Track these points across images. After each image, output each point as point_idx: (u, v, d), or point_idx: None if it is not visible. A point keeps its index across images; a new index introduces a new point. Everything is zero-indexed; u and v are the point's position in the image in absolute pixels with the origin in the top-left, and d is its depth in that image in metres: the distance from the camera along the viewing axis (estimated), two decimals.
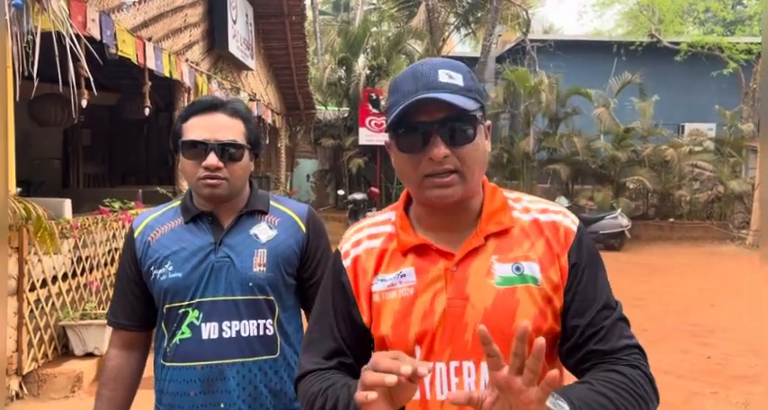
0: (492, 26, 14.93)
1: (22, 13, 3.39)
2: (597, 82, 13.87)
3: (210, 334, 1.36)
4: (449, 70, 0.97)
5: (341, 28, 17.20)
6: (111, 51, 4.88)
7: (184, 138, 1.38)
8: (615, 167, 13.28)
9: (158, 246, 1.42)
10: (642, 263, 10.19)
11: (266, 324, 1.40)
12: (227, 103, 1.41)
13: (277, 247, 1.43)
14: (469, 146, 0.95)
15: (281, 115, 12.59)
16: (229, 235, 1.42)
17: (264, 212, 1.47)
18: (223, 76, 8.36)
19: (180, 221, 1.44)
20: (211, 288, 1.38)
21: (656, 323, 6.22)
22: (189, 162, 1.38)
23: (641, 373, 0.93)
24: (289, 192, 14.04)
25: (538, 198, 1.09)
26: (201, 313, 1.37)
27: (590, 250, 1.02)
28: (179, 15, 6.71)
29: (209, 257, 1.39)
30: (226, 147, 1.37)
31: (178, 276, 1.37)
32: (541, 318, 0.97)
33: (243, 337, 1.38)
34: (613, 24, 24.50)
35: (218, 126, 1.37)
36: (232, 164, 1.38)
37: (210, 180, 1.36)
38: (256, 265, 1.40)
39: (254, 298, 1.39)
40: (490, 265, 0.98)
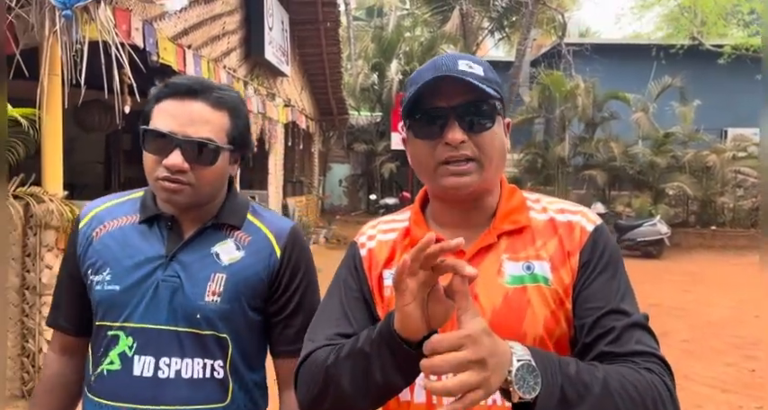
0: (527, 30, 14.79)
1: (72, 23, 3.53)
2: (635, 86, 13.57)
3: (144, 371, 1.08)
4: (468, 61, 0.95)
5: (374, 34, 17.32)
6: (153, 59, 5.02)
7: (153, 122, 1.10)
8: (654, 173, 12.95)
9: (100, 246, 1.15)
10: (682, 272, 9.88)
11: (215, 365, 1.12)
12: (211, 90, 1.11)
13: (239, 273, 1.14)
14: (488, 133, 0.93)
15: (314, 120, 12.74)
16: (186, 249, 1.13)
17: (236, 227, 1.18)
18: (259, 83, 8.52)
19: (134, 219, 1.17)
20: (151, 312, 1.10)
21: (698, 334, 6.02)
22: (149, 156, 1.10)
23: (658, 380, 0.84)
24: (321, 197, 14.18)
25: (558, 199, 1.05)
26: (136, 342, 1.09)
27: (607, 251, 0.95)
28: (218, 23, 6.87)
29: (155, 273, 1.11)
30: (195, 146, 1.08)
31: (115, 290, 1.10)
32: (553, 321, 0.92)
33: (183, 379, 1.09)
34: (653, 27, 23.95)
35: (193, 118, 1.09)
36: (201, 167, 1.09)
37: (169, 183, 1.08)
38: (209, 293, 1.11)
39: (200, 333, 1.11)
40: (501, 264, 0.95)
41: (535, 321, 0.91)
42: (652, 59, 14.91)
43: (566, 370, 0.80)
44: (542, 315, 0.92)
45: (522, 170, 14.23)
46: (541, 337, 0.91)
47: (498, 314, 0.92)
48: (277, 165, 9.79)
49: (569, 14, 18.04)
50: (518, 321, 0.91)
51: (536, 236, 0.97)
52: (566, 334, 0.93)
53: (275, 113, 9.06)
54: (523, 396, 0.74)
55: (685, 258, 11.46)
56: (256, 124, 8.24)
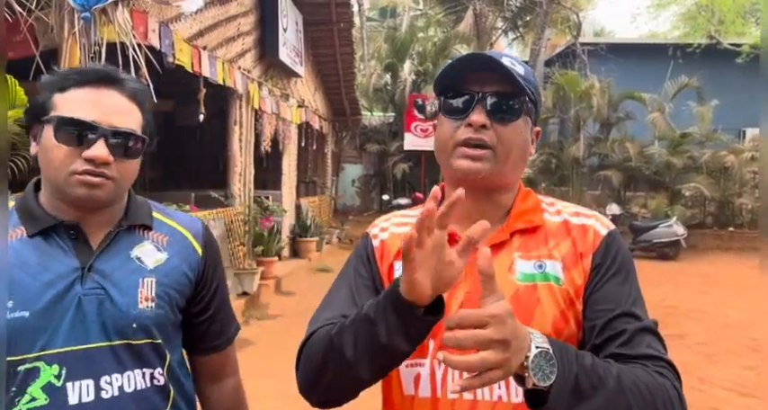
0: (541, 30, 14.70)
1: (90, 25, 3.57)
2: (651, 86, 13.42)
3: (83, 397, 0.98)
4: (513, 60, 0.98)
5: (387, 34, 17.32)
6: (169, 60, 5.07)
7: (60, 112, 0.99)
8: (670, 174, 12.80)
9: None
10: (699, 274, 9.75)
11: (154, 373, 1.07)
12: (123, 80, 1.04)
13: (168, 275, 1.09)
14: (511, 126, 0.95)
15: (327, 121, 12.77)
16: (102, 257, 1.03)
17: (148, 227, 1.11)
18: (273, 84, 8.56)
19: (20, 233, 1.01)
20: (79, 331, 0.99)
21: (716, 336, 5.93)
22: (62, 148, 0.97)
23: (671, 386, 0.85)
24: (334, 197, 14.21)
25: (574, 204, 1.08)
26: (64, 368, 0.98)
27: (620, 256, 0.97)
28: (232, 24, 6.92)
29: (73, 289, 0.99)
30: (121, 138, 1.00)
31: (23, 316, 0.96)
32: (562, 320, 0.93)
33: (127, 394, 1.02)
34: (669, 26, 23.67)
35: (115, 108, 1.01)
36: (124, 161, 1.01)
37: (92, 177, 0.97)
38: (143, 300, 1.04)
39: (138, 344, 1.04)
40: (512, 261, 0.96)
41: (544, 319, 0.92)
42: (668, 59, 14.74)
43: (581, 361, 0.81)
44: (551, 314, 0.93)
45: (536, 170, 14.14)
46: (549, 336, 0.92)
47: None
48: (291, 166, 9.84)
49: (584, 14, 17.91)
50: (527, 319, 0.91)
51: (549, 236, 0.99)
52: (574, 335, 0.94)
53: (289, 114, 9.10)
54: (538, 383, 0.75)
55: (702, 260, 11.30)
56: (270, 125, 8.28)
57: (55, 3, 3.60)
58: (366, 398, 1.03)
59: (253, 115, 7.69)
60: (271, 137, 8.29)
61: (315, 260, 9.63)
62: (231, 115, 7.16)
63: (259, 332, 5.56)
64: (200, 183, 10.43)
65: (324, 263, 9.58)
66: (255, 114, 7.78)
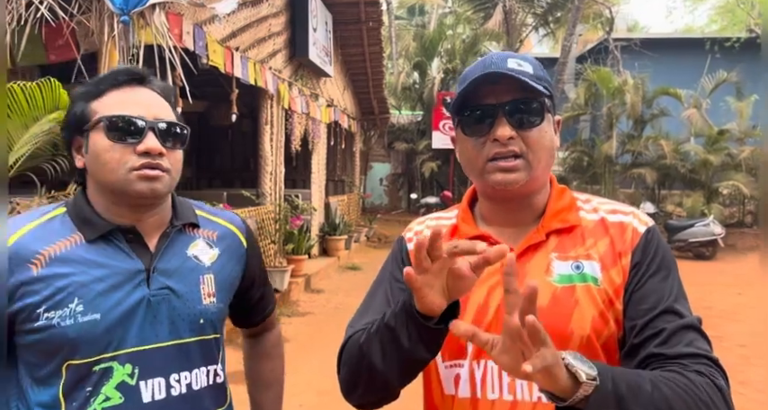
0: (573, 25, 14.46)
1: (129, 28, 3.68)
2: (687, 82, 13.08)
3: (155, 395, 1.01)
4: (518, 59, 0.96)
5: (416, 32, 17.31)
6: (203, 61, 5.18)
7: (104, 113, 1.00)
8: (707, 171, 12.45)
9: (52, 277, 0.97)
10: (737, 274, 9.47)
11: (216, 369, 1.11)
12: (151, 79, 1.07)
13: (223, 270, 1.13)
14: (536, 130, 0.94)
15: (356, 120, 12.83)
16: (163, 258, 1.05)
17: (196, 225, 1.13)
18: (303, 83, 8.65)
19: (78, 239, 1.02)
20: (149, 331, 1.02)
21: (756, 338, 5.76)
22: (115, 146, 0.98)
23: (709, 382, 0.83)
24: (363, 196, 14.28)
25: (609, 200, 1.05)
26: (137, 367, 1.00)
27: (659, 253, 0.95)
28: (264, 25, 7.01)
29: (139, 289, 1.02)
30: (167, 129, 1.02)
31: (95, 318, 0.97)
32: (601, 322, 0.91)
33: (194, 391, 1.05)
34: (706, 20, 23.02)
35: (152, 102, 1.03)
36: (173, 152, 1.03)
37: (151, 170, 0.99)
38: (206, 296, 1.08)
39: (204, 339, 1.08)
40: (549, 262, 0.95)
41: (582, 321, 0.91)
42: (705, 53, 14.34)
43: (613, 368, 0.81)
44: (590, 314, 0.91)
45: (567, 168, 13.94)
46: (588, 337, 0.91)
47: (545, 312, 0.90)
48: (320, 165, 9.92)
49: (617, 9, 17.54)
50: (565, 320, 0.91)
51: (586, 235, 0.97)
52: (614, 335, 0.92)
53: (318, 113, 9.18)
54: (589, 371, 0.75)
55: (741, 260, 10.97)
56: (300, 124, 8.37)
57: (95, 7, 3.72)
58: (407, 398, 1.05)
59: (283, 115, 7.79)
60: (301, 136, 8.38)
61: (344, 258, 9.70)
62: (262, 115, 7.27)
63: (289, 329, 5.63)
64: (232, 182, 10.64)
65: (352, 262, 9.65)
66: (286, 114, 7.87)
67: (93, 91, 1.03)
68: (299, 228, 7.75)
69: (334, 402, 4.52)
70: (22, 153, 3.51)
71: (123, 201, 1.02)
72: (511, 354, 0.76)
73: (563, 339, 0.90)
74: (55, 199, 3.83)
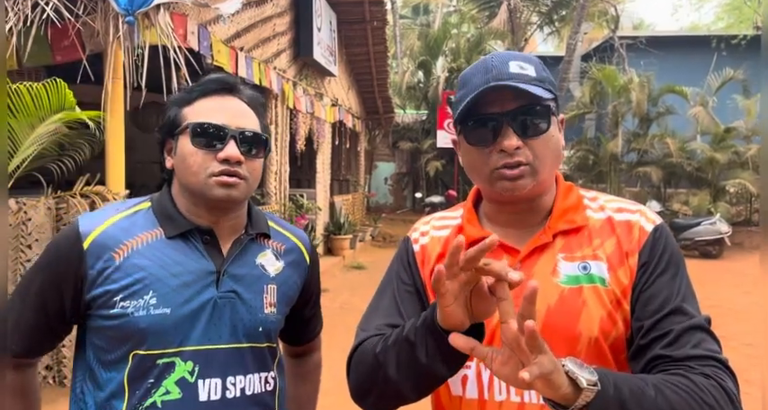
0: (578, 24, 14.42)
1: (133, 28, 3.70)
2: (693, 79, 13.01)
3: (211, 395, 1.03)
4: (520, 61, 0.93)
5: (421, 31, 17.30)
6: (208, 61, 5.19)
7: (192, 120, 1.05)
8: (713, 170, 12.38)
9: (131, 268, 1.02)
10: (744, 273, 9.42)
11: (268, 377, 1.12)
12: (241, 88, 1.11)
13: (285, 283, 1.15)
14: (542, 137, 0.92)
15: (360, 119, 12.84)
16: (235, 263, 1.08)
17: (267, 236, 1.16)
18: (308, 83, 8.66)
19: (158, 233, 1.06)
20: (213, 332, 1.04)
21: (762, 338, 5.73)
22: (198, 151, 1.03)
23: (715, 384, 0.81)
24: (367, 195, 14.29)
25: (617, 197, 1.03)
26: (198, 365, 1.03)
27: (667, 251, 0.93)
28: (268, 25, 7.03)
29: (208, 290, 1.05)
30: (248, 138, 1.06)
31: (165, 313, 1.01)
32: (609, 322, 0.90)
33: (247, 396, 1.07)
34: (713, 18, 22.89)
35: (239, 111, 1.08)
36: (252, 160, 1.07)
37: (228, 177, 1.03)
38: (267, 305, 1.10)
39: (260, 347, 1.10)
40: (556, 263, 0.94)
41: (590, 322, 0.90)
42: (712, 51, 14.26)
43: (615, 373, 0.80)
44: (598, 315, 0.90)
45: (572, 167, 13.90)
46: (596, 338, 0.90)
47: (553, 314, 0.91)
48: (325, 164, 9.94)
49: (622, 7, 17.47)
50: (573, 321, 0.90)
51: (593, 235, 0.96)
52: (621, 336, 0.91)
53: (323, 113, 9.19)
54: (590, 377, 0.75)
55: (748, 259, 10.91)
56: (305, 124, 8.38)
57: (101, 8, 3.73)
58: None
59: (288, 114, 7.80)
60: (305, 136, 8.40)
61: (348, 257, 9.71)
62: (267, 115, 7.27)
63: None
64: None
65: (357, 261, 9.65)
66: (290, 114, 7.89)
67: (185, 97, 1.09)
68: (303, 228, 7.77)
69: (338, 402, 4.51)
70: (28, 153, 3.53)
71: (202, 204, 1.07)
72: (510, 365, 0.75)
73: (571, 340, 0.90)
74: (61, 198, 3.85)
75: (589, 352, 0.90)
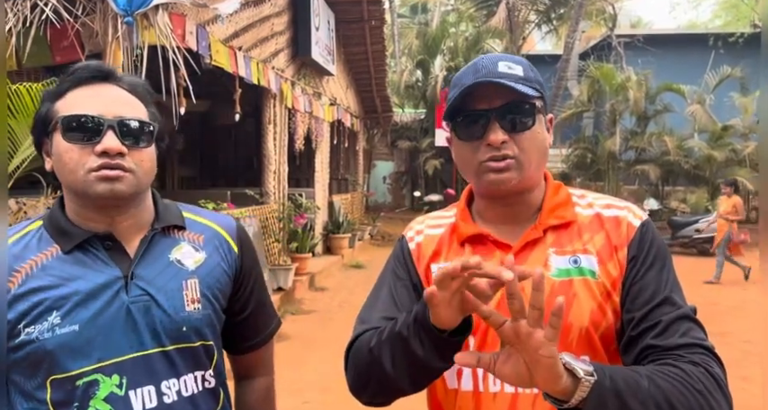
0: (576, 22, 14.45)
1: (132, 29, 3.71)
2: (691, 78, 13.06)
3: (146, 403, 0.98)
4: (509, 62, 0.98)
5: (419, 30, 17.30)
6: (206, 61, 5.20)
7: (63, 113, 0.95)
8: (711, 167, 12.44)
9: (29, 293, 0.95)
10: (741, 270, 9.45)
11: (206, 375, 1.06)
12: (118, 75, 1.01)
13: (209, 275, 1.06)
14: (528, 133, 0.96)
15: (359, 118, 12.85)
16: (143, 263, 1.01)
17: (181, 227, 1.08)
18: (306, 82, 8.67)
19: (54, 251, 0.98)
20: (133, 340, 0.98)
21: (760, 334, 5.76)
22: (72, 147, 0.94)
23: (703, 370, 0.85)
24: (366, 194, 14.30)
25: (604, 195, 1.07)
26: (124, 377, 0.97)
27: (654, 245, 0.97)
28: (266, 25, 7.04)
29: (118, 297, 0.97)
30: (130, 127, 0.96)
31: (73, 330, 0.94)
32: (599, 314, 0.94)
33: (185, 398, 1.02)
34: (710, 15, 22.93)
35: (116, 99, 0.98)
36: (138, 150, 0.97)
37: (109, 171, 0.93)
38: (189, 302, 1.02)
39: (189, 347, 1.03)
40: (547, 258, 0.97)
41: (581, 313, 0.93)
42: (709, 49, 14.31)
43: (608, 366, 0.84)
44: (588, 307, 0.94)
45: (570, 165, 13.94)
46: (587, 329, 0.94)
47: (545, 306, 0.93)
48: (323, 163, 9.95)
49: (620, 5, 17.49)
50: (564, 313, 0.91)
51: (582, 230, 1.00)
52: (611, 327, 0.95)
53: (321, 112, 9.21)
54: (586, 368, 0.78)
55: (745, 256, 10.95)
56: (304, 123, 8.39)
57: (99, 8, 3.75)
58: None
59: (286, 114, 7.82)
60: (304, 135, 8.41)
61: (347, 256, 9.73)
62: (265, 114, 7.30)
63: (294, 326, 5.67)
64: (236, 181, 10.67)
65: (356, 260, 9.67)
66: (289, 113, 7.90)
67: (56, 90, 0.98)
68: (302, 227, 7.78)
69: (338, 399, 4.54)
70: (28, 154, 3.55)
71: (89, 204, 0.97)
72: (510, 364, 0.79)
73: (563, 332, 0.90)
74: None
75: (580, 343, 0.94)
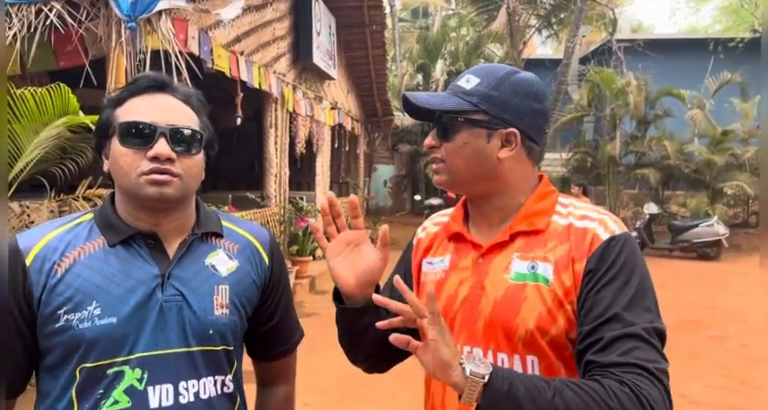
0: (576, 27, 14.48)
1: (136, 34, 3.75)
2: (691, 82, 13.08)
3: (163, 401, 1.01)
4: (471, 75, 1.08)
5: (419, 35, 17.36)
6: (208, 66, 5.25)
7: (122, 119, 1.03)
8: (711, 172, 12.45)
9: (74, 279, 1.01)
10: (741, 275, 9.46)
11: (225, 380, 1.09)
12: (174, 86, 1.09)
13: (239, 283, 1.11)
14: (453, 141, 1.05)
15: (360, 122, 12.89)
16: (180, 265, 1.06)
17: (219, 235, 1.14)
18: (307, 86, 8.72)
19: (101, 243, 1.05)
20: (160, 337, 1.02)
21: (759, 337, 5.77)
22: (127, 151, 1.01)
23: (627, 390, 0.83)
24: (367, 197, 14.33)
25: (590, 206, 1.08)
26: (146, 372, 1.01)
27: (618, 262, 0.95)
28: (268, 29, 7.09)
29: (154, 295, 1.02)
30: (181, 135, 1.03)
31: (111, 322, 0.99)
32: (549, 319, 0.96)
33: (202, 400, 1.05)
34: (710, 20, 22.99)
35: (169, 108, 1.05)
36: (187, 157, 1.04)
37: (159, 175, 1.00)
38: (218, 307, 1.07)
39: (212, 350, 1.07)
40: (510, 261, 1.02)
41: (528, 316, 0.97)
42: (709, 54, 14.34)
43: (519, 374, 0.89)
44: (537, 311, 0.97)
45: (570, 170, 13.96)
46: (532, 332, 0.97)
47: (498, 305, 1.00)
48: (324, 167, 9.99)
49: (620, 10, 17.56)
50: (513, 314, 0.98)
51: (549, 239, 1.02)
52: (562, 334, 0.96)
53: (322, 116, 9.25)
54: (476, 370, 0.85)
55: (745, 261, 10.95)
56: (305, 127, 8.44)
57: (103, 14, 3.79)
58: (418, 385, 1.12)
59: (287, 118, 7.86)
60: (305, 138, 8.45)
61: None
62: (267, 118, 7.34)
63: None
64: (237, 185, 10.70)
65: None
66: (290, 117, 7.94)
67: (117, 98, 1.07)
68: (303, 230, 7.81)
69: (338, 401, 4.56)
70: (32, 157, 3.58)
71: (139, 205, 1.05)
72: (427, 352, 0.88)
73: (509, 332, 0.98)
74: (63, 202, 3.91)
75: (526, 345, 0.98)
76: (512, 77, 1.06)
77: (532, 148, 1.07)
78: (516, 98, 1.04)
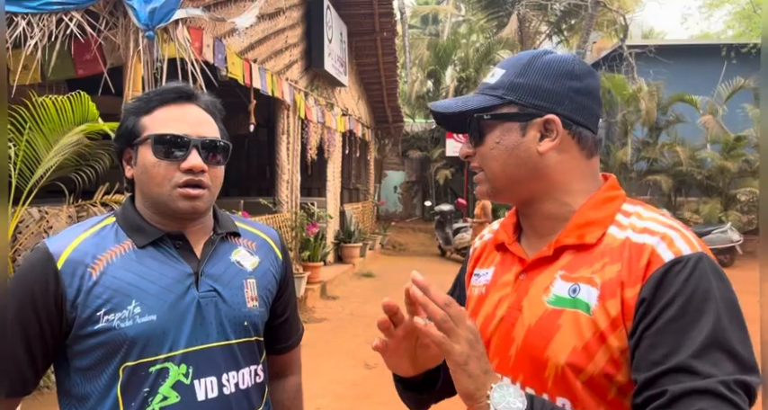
0: (587, 33, 14.50)
1: (153, 43, 3.82)
2: (703, 88, 13.00)
3: (209, 393, 1.05)
4: (498, 68, 0.95)
5: (430, 41, 17.44)
6: (222, 73, 5.32)
7: (153, 131, 1.05)
8: (724, 178, 12.35)
9: (110, 281, 1.03)
10: (756, 281, 9.34)
11: (257, 369, 1.15)
12: (199, 94, 1.12)
13: (264, 277, 1.18)
14: (486, 143, 0.92)
15: (370, 128, 12.95)
16: (209, 263, 1.11)
17: (237, 234, 1.20)
18: (319, 93, 8.79)
19: (130, 245, 1.07)
20: (200, 332, 1.06)
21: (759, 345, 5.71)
22: (161, 162, 1.04)
23: None
24: (377, 203, 14.36)
25: (658, 216, 0.86)
26: (191, 367, 1.04)
27: (686, 291, 0.75)
28: (280, 37, 7.17)
29: (190, 292, 1.06)
30: (210, 146, 1.07)
31: (152, 319, 1.02)
32: (584, 355, 0.79)
33: (241, 390, 1.10)
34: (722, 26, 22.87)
35: (197, 120, 1.09)
36: (214, 167, 1.09)
37: (192, 189, 1.05)
38: (249, 300, 1.13)
39: (248, 341, 1.12)
40: (552, 281, 0.87)
41: (561, 349, 0.81)
42: (722, 60, 14.25)
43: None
44: (570, 344, 0.80)
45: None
46: (563, 369, 0.81)
47: (530, 333, 0.86)
48: (335, 173, 10.04)
49: (631, 16, 17.52)
50: (544, 344, 0.83)
51: (601, 256, 0.84)
52: (602, 375, 0.79)
53: (333, 123, 9.31)
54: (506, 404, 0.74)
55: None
56: (316, 133, 8.50)
57: (122, 23, 3.87)
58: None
59: (299, 124, 7.92)
60: (316, 145, 8.51)
61: (358, 265, 9.77)
62: (279, 125, 7.41)
63: (306, 334, 5.63)
64: (249, 191, 10.78)
65: (367, 269, 9.71)
66: (302, 123, 8.01)
67: (143, 106, 1.09)
68: (314, 236, 7.86)
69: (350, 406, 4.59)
70: (51, 164, 3.65)
71: (167, 214, 1.08)
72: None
73: (538, 365, 0.84)
74: (81, 207, 3.97)
75: (557, 384, 0.82)
76: (539, 60, 0.90)
77: (582, 135, 0.89)
78: (548, 80, 0.88)
